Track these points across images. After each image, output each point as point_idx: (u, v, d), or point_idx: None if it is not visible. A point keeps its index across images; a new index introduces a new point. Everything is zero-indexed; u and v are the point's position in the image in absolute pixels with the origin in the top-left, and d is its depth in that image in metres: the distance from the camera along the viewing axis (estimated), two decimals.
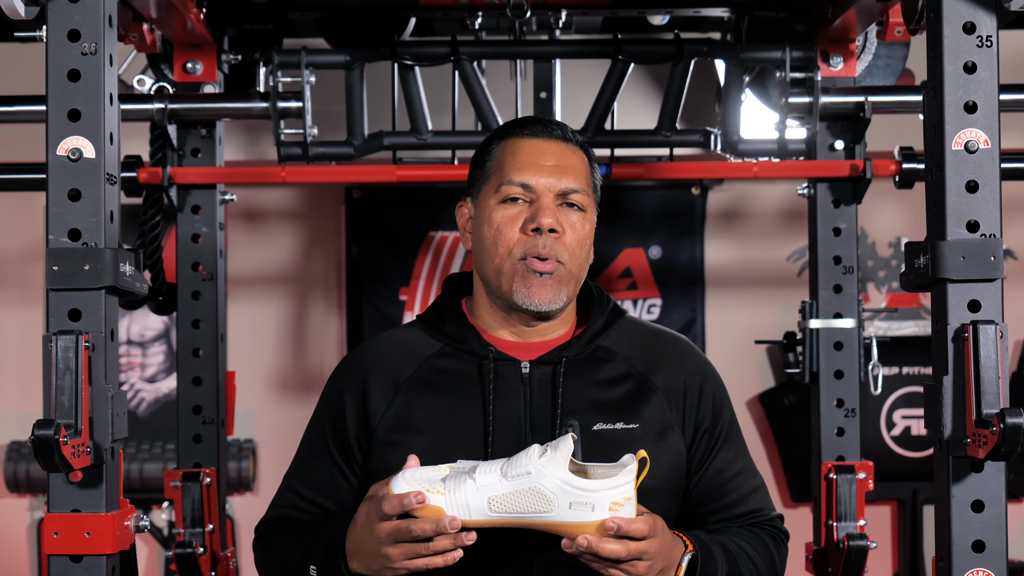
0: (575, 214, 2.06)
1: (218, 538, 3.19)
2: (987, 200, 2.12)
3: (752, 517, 2.12)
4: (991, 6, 2.13)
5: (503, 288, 2.06)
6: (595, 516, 1.84)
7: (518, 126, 2.13)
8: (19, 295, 4.68)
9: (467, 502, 1.84)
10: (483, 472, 1.86)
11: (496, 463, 1.88)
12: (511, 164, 2.07)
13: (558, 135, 2.10)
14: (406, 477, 1.88)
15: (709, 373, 2.15)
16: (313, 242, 4.75)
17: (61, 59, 2.09)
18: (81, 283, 2.07)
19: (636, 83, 4.40)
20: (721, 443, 2.11)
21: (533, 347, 2.10)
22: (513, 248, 2.04)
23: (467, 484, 1.85)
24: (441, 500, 1.85)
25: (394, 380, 2.09)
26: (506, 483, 1.85)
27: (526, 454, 1.87)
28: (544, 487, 1.84)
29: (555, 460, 1.84)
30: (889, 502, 4.72)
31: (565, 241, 2.04)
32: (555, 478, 1.84)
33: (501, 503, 1.84)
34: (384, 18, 3.44)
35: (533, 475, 1.84)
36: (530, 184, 2.05)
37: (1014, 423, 1.98)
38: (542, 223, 2.02)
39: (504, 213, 2.06)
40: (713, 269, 4.73)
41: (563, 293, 2.05)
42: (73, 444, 2.00)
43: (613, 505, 1.84)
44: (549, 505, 1.84)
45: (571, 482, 1.84)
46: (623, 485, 1.85)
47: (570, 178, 2.06)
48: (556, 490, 1.84)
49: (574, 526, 1.85)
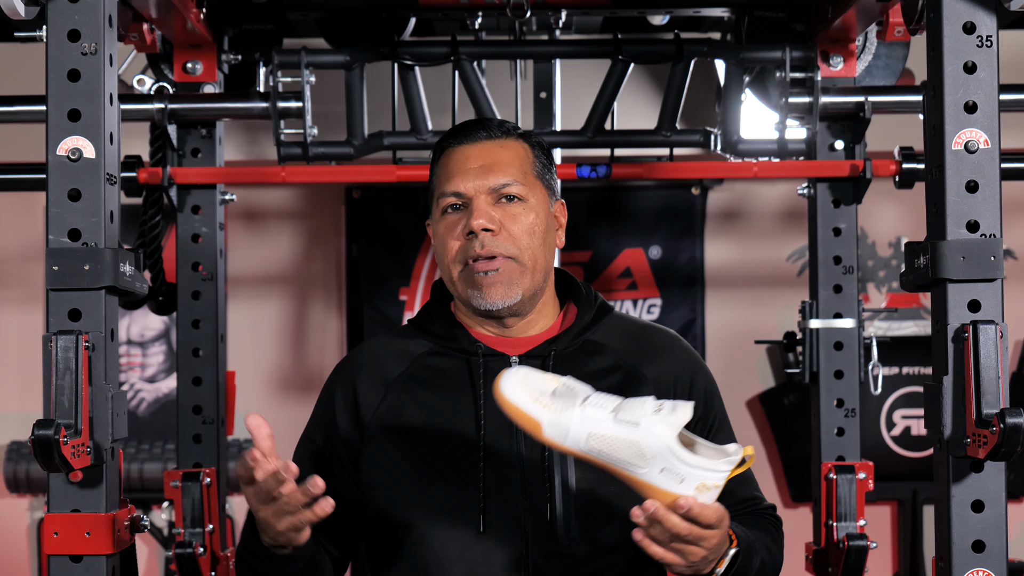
0: (515, 206, 2.08)
1: (218, 538, 3.19)
2: (987, 200, 2.12)
3: (747, 505, 2.13)
4: (991, 6, 2.13)
5: (461, 295, 2.09)
6: (681, 489, 1.81)
7: (448, 136, 2.15)
8: (19, 295, 4.68)
9: (568, 428, 1.81)
10: (594, 404, 1.83)
11: (609, 399, 1.84)
12: (443, 175, 2.11)
13: (482, 136, 2.12)
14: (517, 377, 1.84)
15: (699, 367, 2.17)
16: (313, 242, 4.75)
17: (61, 59, 2.09)
18: (81, 283, 2.07)
19: (636, 83, 4.40)
20: (713, 435, 2.12)
21: (520, 342, 2.12)
22: (456, 255, 2.07)
23: (575, 410, 1.82)
24: (544, 415, 1.81)
25: (384, 378, 2.11)
26: (612, 425, 1.81)
27: (642, 403, 1.83)
28: (647, 444, 1.80)
29: (667, 422, 1.81)
30: (889, 502, 4.72)
31: (508, 234, 2.05)
32: (661, 439, 1.80)
33: (600, 441, 1.81)
34: (384, 18, 3.44)
35: (641, 428, 1.81)
36: (459, 190, 2.08)
37: (1014, 423, 1.99)
38: (472, 225, 2.04)
39: (445, 223, 2.09)
40: (713, 269, 4.73)
41: (516, 287, 2.06)
42: (73, 444, 2.00)
43: (700, 486, 1.82)
44: (644, 462, 1.81)
45: (674, 449, 1.80)
46: (719, 472, 1.82)
47: (497, 173, 2.08)
48: (657, 451, 1.80)
49: (656, 490, 1.82)
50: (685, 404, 1.83)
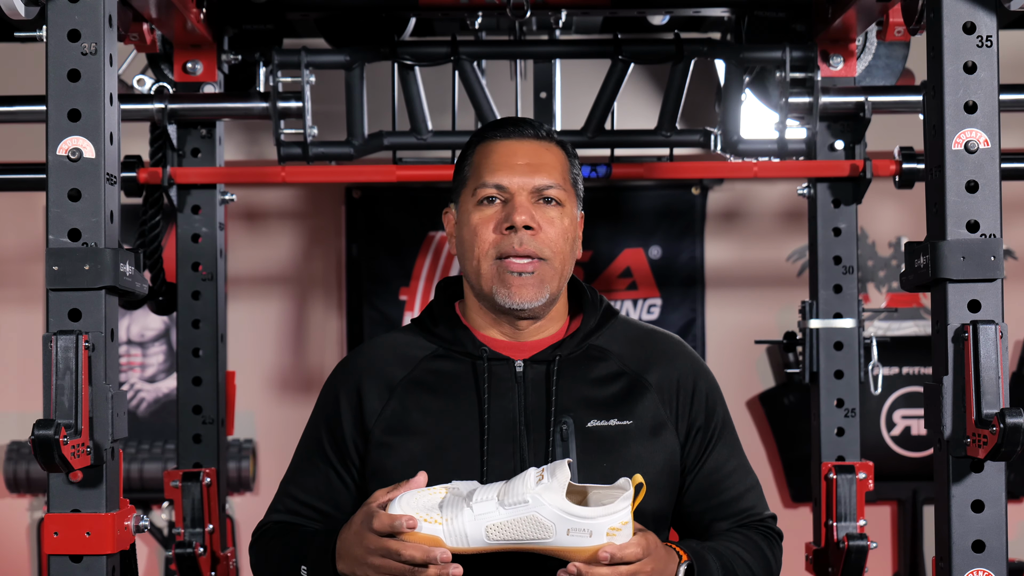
0: (552, 209, 2.08)
1: (218, 538, 3.19)
2: (987, 200, 2.12)
3: (745, 516, 2.13)
4: (991, 6, 2.13)
5: (484, 290, 2.08)
6: (593, 541, 1.86)
7: (492, 128, 2.15)
8: (19, 295, 4.67)
9: (465, 531, 1.85)
10: (480, 500, 1.87)
11: (492, 488, 1.89)
12: (485, 166, 2.10)
13: (530, 134, 2.12)
14: (403, 502, 1.88)
15: (702, 372, 2.17)
16: (313, 242, 4.75)
17: (61, 59, 2.09)
18: (81, 283, 2.07)
19: (636, 83, 4.40)
20: (715, 442, 2.12)
21: (526, 346, 2.11)
22: (489, 248, 2.06)
23: (464, 513, 1.86)
24: (439, 530, 1.86)
25: (388, 382, 2.10)
26: (503, 511, 1.85)
27: (523, 480, 1.87)
28: (541, 515, 1.85)
29: (552, 488, 1.85)
30: (889, 502, 4.72)
31: (544, 237, 2.06)
32: (552, 506, 1.85)
33: (499, 531, 1.85)
34: (384, 18, 3.44)
35: (531, 504, 1.85)
36: (503, 184, 2.07)
37: (1014, 423, 1.98)
38: (515, 220, 2.04)
39: (480, 214, 2.08)
40: (713, 269, 4.72)
41: (546, 290, 2.06)
42: (73, 444, 2.00)
43: (611, 531, 1.86)
44: (547, 532, 1.85)
45: (568, 510, 1.85)
46: (619, 511, 1.86)
47: (544, 174, 2.08)
48: (553, 518, 1.85)
49: (572, 551, 1.86)
50: (561, 464, 1.87)
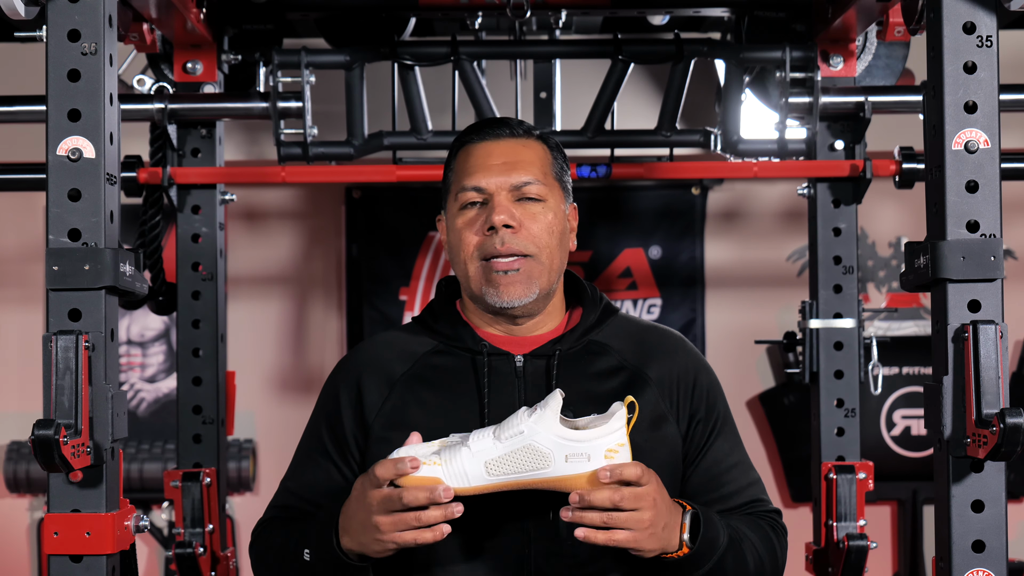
0: (534, 205, 2.09)
1: (218, 538, 3.19)
2: (987, 200, 2.12)
3: (749, 508, 2.13)
4: (991, 6, 2.13)
5: (475, 292, 2.09)
6: (591, 465, 1.86)
7: (470, 132, 2.16)
8: (19, 295, 4.68)
9: (464, 469, 1.86)
10: (476, 439, 1.88)
11: (487, 430, 1.90)
12: (464, 170, 2.11)
13: (506, 133, 2.13)
14: (401, 452, 1.90)
15: (702, 366, 2.17)
16: (313, 242, 4.75)
17: (61, 59, 2.09)
18: (81, 283, 2.07)
19: (636, 83, 4.40)
20: (716, 435, 2.13)
21: (525, 341, 2.12)
22: (474, 251, 2.07)
23: (462, 452, 1.87)
24: (439, 471, 1.86)
25: (389, 377, 2.11)
26: (500, 445, 1.86)
27: (516, 416, 1.88)
28: (539, 443, 1.85)
29: (545, 416, 1.86)
30: (889, 502, 4.72)
31: (527, 233, 2.06)
32: (548, 433, 1.85)
33: (498, 465, 1.86)
34: (384, 18, 3.44)
35: (526, 433, 1.86)
36: (481, 185, 2.08)
37: (1014, 423, 1.99)
38: (494, 220, 2.05)
39: (463, 218, 2.09)
40: (713, 269, 4.72)
41: (535, 286, 2.07)
42: (73, 444, 2.00)
43: (608, 453, 1.86)
44: (545, 461, 1.85)
45: (564, 435, 1.85)
46: (615, 431, 1.87)
47: (521, 171, 2.09)
48: (551, 445, 1.85)
49: (573, 479, 1.86)
50: (553, 394, 1.88)
